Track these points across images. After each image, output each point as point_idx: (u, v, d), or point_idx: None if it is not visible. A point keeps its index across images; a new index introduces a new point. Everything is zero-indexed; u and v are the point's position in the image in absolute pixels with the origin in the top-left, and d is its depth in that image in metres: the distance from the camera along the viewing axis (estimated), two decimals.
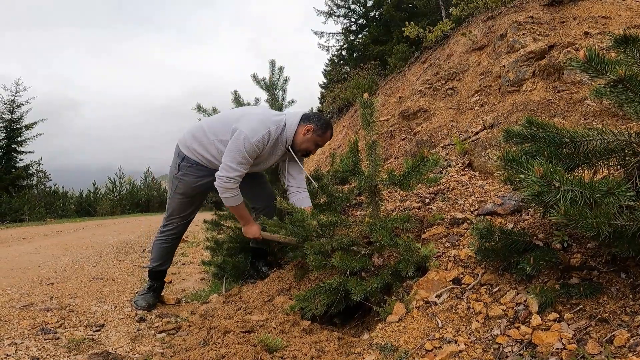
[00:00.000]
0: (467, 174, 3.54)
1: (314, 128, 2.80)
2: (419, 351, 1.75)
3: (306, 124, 2.80)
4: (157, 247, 3.13)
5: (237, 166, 2.68)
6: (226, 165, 2.68)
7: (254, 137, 2.65)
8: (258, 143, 2.67)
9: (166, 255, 3.17)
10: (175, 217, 3.06)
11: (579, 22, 5.08)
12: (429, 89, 6.33)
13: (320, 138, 2.84)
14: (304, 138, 2.80)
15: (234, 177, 2.69)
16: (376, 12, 21.10)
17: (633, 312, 1.55)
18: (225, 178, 2.68)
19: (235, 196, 2.77)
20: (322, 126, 2.82)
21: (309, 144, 2.84)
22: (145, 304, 3.03)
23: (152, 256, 3.17)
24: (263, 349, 1.96)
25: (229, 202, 2.79)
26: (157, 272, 3.19)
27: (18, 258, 5.24)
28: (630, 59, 1.61)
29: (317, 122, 2.82)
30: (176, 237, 3.14)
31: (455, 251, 2.36)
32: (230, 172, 2.68)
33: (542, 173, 1.39)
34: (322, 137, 2.84)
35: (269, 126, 2.72)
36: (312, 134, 2.80)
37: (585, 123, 3.42)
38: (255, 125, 2.70)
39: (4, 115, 20.28)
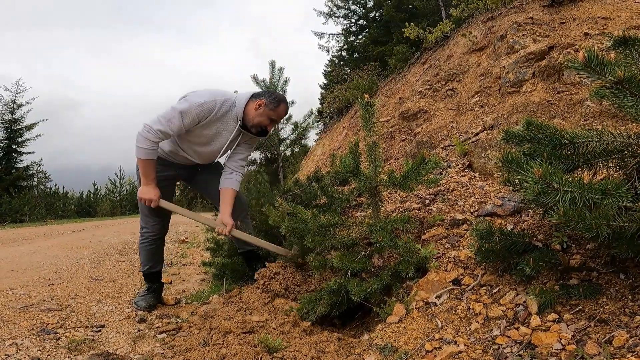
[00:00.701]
0: (467, 175, 3.54)
1: (265, 102, 2.76)
2: (418, 352, 1.76)
3: (258, 100, 2.77)
4: (142, 250, 3.10)
5: (165, 122, 2.61)
6: (156, 117, 2.64)
7: (196, 100, 2.63)
8: (198, 107, 2.63)
9: (154, 256, 3.13)
10: (148, 217, 3.01)
11: (579, 23, 5.08)
12: (429, 90, 6.34)
13: (273, 112, 2.79)
14: (256, 113, 2.76)
15: (156, 130, 2.60)
16: (376, 13, 21.12)
17: (632, 312, 1.56)
18: (147, 127, 2.61)
19: (149, 149, 2.65)
20: (274, 100, 2.78)
21: (263, 118, 2.79)
22: (145, 304, 3.02)
23: (141, 260, 3.14)
24: (263, 349, 1.97)
25: (141, 153, 2.67)
26: (151, 275, 3.16)
27: (18, 259, 5.24)
28: (630, 60, 1.62)
29: (269, 97, 2.78)
30: (157, 237, 3.08)
31: (455, 252, 2.36)
32: (155, 124, 2.61)
33: (542, 174, 1.39)
34: (274, 110, 2.79)
35: (216, 97, 2.70)
36: (265, 108, 2.76)
37: (585, 124, 3.42)
38: (201, 94, 2.69)
39: (5, 116, 20.31)
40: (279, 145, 3.57)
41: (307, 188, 3.49)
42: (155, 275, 3.20)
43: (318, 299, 2.36)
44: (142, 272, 3.19)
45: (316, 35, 22.24)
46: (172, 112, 2.61)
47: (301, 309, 2.37)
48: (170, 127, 2.63)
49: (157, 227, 3.04)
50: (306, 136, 3.74)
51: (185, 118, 2.63)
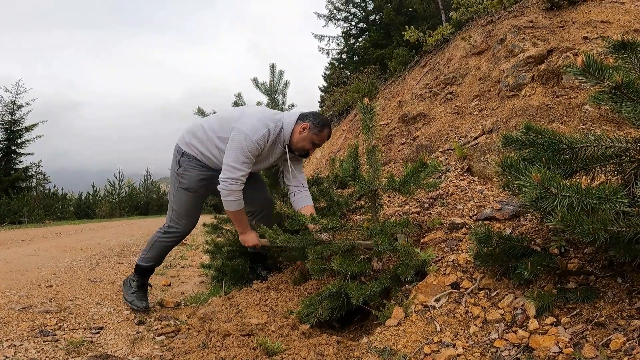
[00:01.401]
0: (466, 179, 3.55)
1: (310, 126, 2.75)
2: (417, 355, 1.76)
3: (303, 122, 2.76)
4: (159, 246, 3.04)
5: (240, 165, 2.64)
6: (229, 166, 2.64)
7: (254, 135, 2.62)
8: (259, 141, 2.64)
9: (163, 255, 3.12)
10: (184, 216, 2.96)
11: (578, 26, 5.10)
12: (428, 94, 6.35)
13: (316, 137, 2.78)
14: (300, 137, 2.76)
15: (239, 178, 2.65)
16: (376, 16, 21.17)
17: (629, 316, 1.56)
18: (230, 180, 2.64)
19: (238, 200, 2.72)
20: (319, 124, 2.76)
21: (306, 142, 2.78)
22: (145, 304, 2.97)
23: (149, 255, 3.06)
24: (262, 352, 1.97)
25: (231, 206, 2.73)
26: (148, 270, 3.12)
27: (17, 260, 5.24)
28: (628, 64, 1.62)
29: (314, 120, 2.77)
30: (181, 237, 3.07)
31: (454, 256, 2.37)
32: (234, 172, 2.64)
33: (540, 179, 1.40)
34: (318, 135, 2.78)
35: (268, 124, 2.69)
36: (309, 132, 2.75)
37: (584, 128, 3.43)
38: (255, 123, 2.67)
39: (4, 117, 20.33)
40: None
41: None
42: (151, 271, 3.18)
43: (318, 302, 2.37)
44: (141, 266, 3.09)
45: (316, 37, 22.31)
46: (241, 154, 2.63)
47: (301, 313, 2.38)
48: (247, 166, 2.68)
49: (188, 227, 3.03)
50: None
51: (253, 155, 2.67)
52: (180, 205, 2.93)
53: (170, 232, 2.99)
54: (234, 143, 2.64)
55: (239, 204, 2.74)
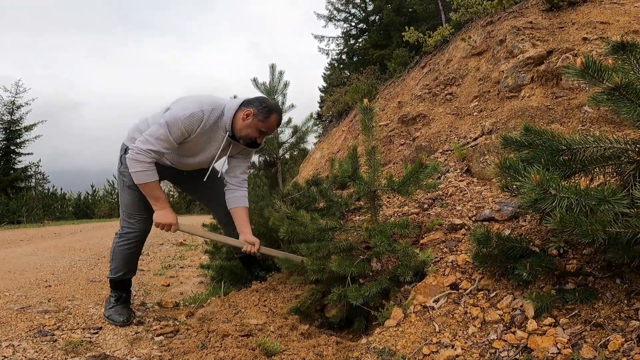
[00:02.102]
0: (465, 179, 3.55)
1: (254, 112, 2.54)
2: (416, 356, 1.76)
3: (246, 108, 2.55)
4: (119, 254, 2.80)
5: (154, 140, 2.45)
6: (143, 136, 2.47)
7: (180, 113, 2.45)
8: (184, 119, 2.45)
9: (131, 262, 2.87)
10: (134, 214, 2.74)
11: (578, 27, 5.11)
12: (428, 94, 6.35)
13: (262, 123, 2.57)
14: (244, 123, 2.55)
15: (146, 150, 2.44)
16: (376, 17, 21.18)
17: (627, 317, 1.57)
18: (137, 149, 2.44)
19: (147, 171, 2.49)
20: (264, 110, 2.55)
21: (250, 129, 2.57)
22: (123, 318, 2.72)
23: (114, 265, 2.83)
24: (261, 352, 1.97)
25: (139, 177, 2.50)
26: (122, 282, 2.88)
27: (16, 260, 5.24)
28: (627, 65, 1.63)
29: (259, 105, 2.56)
30: (140, 237, 2.80)
31: (453, 257, 2.37)
32: (144, 144, 2.44)
33: (539, 180, 1.40)
34: (264, 122, 2.56)
35: (203, 106, 2.51)
36: (253, 119, 2.55)
37: (583, 129, 3.44)
38: (187, 104, 2.51)
39: (4, 116, 20.34)
40: (278, 148, 3.56)
41: (306, 192, 3.50)
42: (127, 283, 2.93)
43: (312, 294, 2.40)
44: (111, 279, 2.87)
45: (316, 38, 22.31)
46: (159, 129, 2.45)
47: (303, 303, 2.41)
48: (161, 144, 2.48)
49: (141, 225, 2.77)
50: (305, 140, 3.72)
51: (173, 133, 2.47)
52: (128, 204, 2.73)
53: (125, 233, 2.78)
54: (158, 118, 2.51)
55: (148, 176, 2.51)
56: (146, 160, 2.46)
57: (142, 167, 2.47)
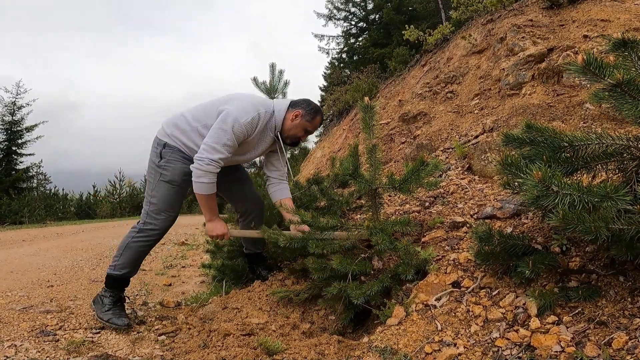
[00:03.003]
0: (466, 177, 3.55)
1: (302, 113, 2.67)
2: (418, 354, 1.76)
3: (295, 109, 2.68)
4: (134, 248, 2.67)
5: (221, 148, 2.46)
6: (209, 146, 2.45)
7: (243, 117, 2.49)
8: (247, 124, 2.51)
9: (139, 260, 2.76)
10: (164, 210, 2.65)
11: (578, 25, 5.09)
12: (428, 93, 6.34)
13: (309, 123, 2.71)
14: (293, 124, 2.67)
15: (217, 160, 2.45)
16: (376, 15, 21.17)
17: (631, 315, 1.56)
18: (207, 160, 2.43)
19: (211, 183, 2.51)
20: (311, 111, 2.70)
21: (298, 129, 2.70)
22: (126, 320, 2.59)
23: (122, 260, 2.67)
24: (263, 352, 1.97)
25: (203, 188, 2.51)
26: (122, 281, 2.74)
27: (18, 260, 5.24)
28: (629, 62, 1.62)
29: (306, 107, 2.70)
30: (159, 236, 2.72)
31: (455, 255, 2.37)
32: (213, 153, 2.44)
33: (541, 177, 1.39)
34: (311, 122, 2.72)
35: (259, 108, 2.58)
36: (301, 119, 2.68)
37: (585, 126, 3.43)
38: (245, 106, 2.55)
39: (5, 117, 20.33)
40: None
41: (307, 190, 3.50)
42: (127, 282, 2.80)
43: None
44: (113, 276, 2.69)
45: (316, 37, 22.32)
46: (224, 135, 2.46)
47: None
48: (229, 150, 2.51)
49: (167, 224, 2.71)
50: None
51: (238, 138, 2.52)
52: (161, 199, 2.64)
53: (147, 229, 2.66)
54: (220, 123, 2.48)
55: (211, 188, 2.54)
56: (214, 172, 2.49)
57: (209, 179, 2.49)
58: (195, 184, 2.50)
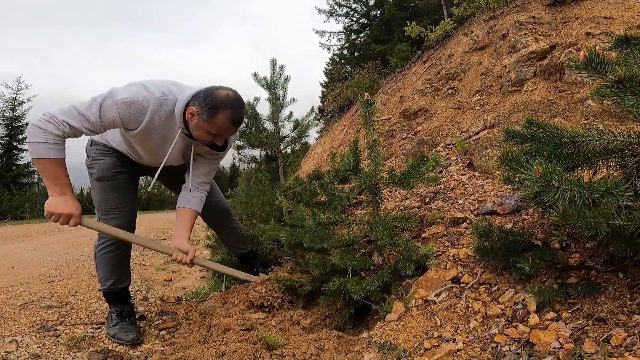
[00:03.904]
0: (467, 173, 3.54)
1: (197, 110, 2.06)
2: (417, 350, 1.76)
3: (193, 103, 2.07)
4: (102, 260, 2.44)
5: (79, 115, 2.00)
6: (68, 107, 2.02)
7: (122, 95, 2.02)
8: (123, 105, 2.01)
9: (119, 267, 2.48)
10: (109, 211, 2.38)
11: (581, 22, 5.08)
12: (430, 89, 6.33)
13: (207, 124, 2.07)
14: (192, 124, 2.11)
15: (61, 122, 1.97)
16: (378, 12, 21.09)
17: (630, 311, 1.56)
18: (50, 116, 1.97)
19: (51, 144, 1.99)
20: (207, 108, 2.04)
21: (200, 132, 2.12)
22: (132, 335, 2.36)
23: (100, 274, 2.46)
24: (263, 346, 1.97)
25: (39, 149, 1.98)
26: (117, 293, 2.50)
27: (19, 255, 5.25)
28: (631, 59, 1.61)
29: (203, 101, 2.05)
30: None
31: (455, 250, 2.37)
32: (63, 114, 1.99)
33: (542, 173, 1.39)
34: (209, 122, 2.06)
35: (152, 95, 2.07)
36: (197, 119, 2.07)
37: (586, 123, 3.42)
38: (133, 88, 2.07)
39: (6, 112, 20.35)
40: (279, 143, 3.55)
41: (308, 186, 3.50)
42: (123, 293, 2.54)
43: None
44: (103, 292, 2.51)
45: (317, 33, 22.22)
46: (89, 105, 2.02)
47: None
48: (83, 123, 2.02)
49: (119, 221, 2.38)
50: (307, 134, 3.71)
51: (104, 116, 2.03)
52: (100, 199, 2.37)
53: (103, 235, 2.41)
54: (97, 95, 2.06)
55: (53, 150, 2.00)
56: (55, 132, 1.98)
57: (47, 138, 1.97)
58: (30, 146, 2.00)
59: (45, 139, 1.97)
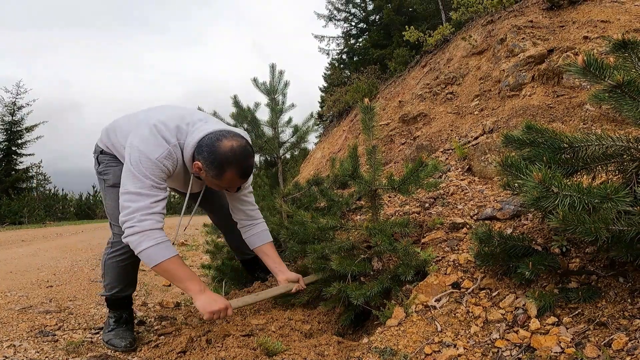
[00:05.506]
0: (466, 178, 3.54)
1: (203, 167, 1.97)
2: (418, 355, 1.76)
3: (198, 158, 1.97)
4: (112, 266, 2.36)
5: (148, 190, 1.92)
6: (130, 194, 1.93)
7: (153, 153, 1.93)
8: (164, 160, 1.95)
9: (127, 276, 2.41)
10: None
11: (578, 26, 5.10)
12: (428, 93, 6.34)
13: (217, 180, 2.00)
14: (202, 177, 2.05)
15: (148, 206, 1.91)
16: (376, 16, 21.18)
17: (631, 316, 1.56)
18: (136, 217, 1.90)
19: (160, 243, 1.93)
20: (214, 167, 1.94)
21: (211, 184, 2.12)
22: (126, 342, 2.31)
23: (107, 280, 2.39)
24: (263, 352, 1.97)
25: (154, 256, 1.93)
26: (120, 300, 2.44)
27: (17, 260, 5.24)
28: (629, 63, 1.62)
29: (207, 157, 1.93)
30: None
31: (455, 255, 2.36)
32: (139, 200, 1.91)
33: (541, 178, 1.39)
34: (219, 180, 1.99)
35: (170, 140, 1.98)
36: (205, 175, 2.00)
37: (585, 128, 3.43)
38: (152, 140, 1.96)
39: (5, 117, 20.39)
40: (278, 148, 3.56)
41: (307, 191, 3.50)
42: (126, 300, 2.48)
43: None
44: (106, 297, 2.44)
45: (316, 38, 22.31)
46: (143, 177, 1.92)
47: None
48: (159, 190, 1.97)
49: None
50: (306, 139, 3.72)
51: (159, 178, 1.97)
52: (115, 206, 2.21)
53: (116, 242, 2.32)
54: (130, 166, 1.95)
55: (166, 250, 1.96)
56: (155, 227, 1.94)
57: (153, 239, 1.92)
58: (142, 257, 1.95)
59: (155, 240, 1.92)
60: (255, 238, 2.47)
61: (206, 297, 2.03)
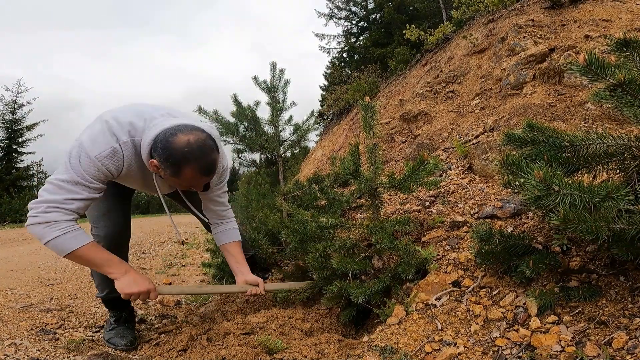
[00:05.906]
0: (467, 177, 3.54)
1: (160, 165, 1.80)
2: (418, 353, 1.76)
3: (154, 155, 1.80)
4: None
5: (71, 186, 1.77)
6: (51, 183, 1.79)
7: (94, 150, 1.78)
8: (105, 160, 1.79)
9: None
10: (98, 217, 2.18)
11: (580, 25, 5.09)
12: (429, 92, 6.34)
13: (176, 179, 1.84)
14: (162, 175, 1.88)
15: (61, 202, 1.76)
16: (377, 15, 21.17)
17: (632, 314, 1.56)
18: (44, 205, 1.74)
19: (68, 232, 1.78)
20: (170, 164, 1.77)
21: (172, 184, 1.99)
22: (126, 341, 2.29)
23: (97, 282, 2.35)
24: (263, 350, 1.97)
25: (63, 245, 1.78)
26: (115, 300, 2.34)
27: (18, 259, 5.25)
28: (630, 62, 1.62)
29: (162, 154, 1.76)
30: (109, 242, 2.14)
31: (455, 254, 2.36)
32: (54, 193, 1.76)
33: (542, 177, 1.39)
34: (177, 178, 1.82)
35: (121, 136, 1.82)
36: (163, 173, 1.84)
37: (586, 126, 3.43)
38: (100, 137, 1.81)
39: (6, 116, 20.40)
40: (279, 146, 3.55)
41: (308, 190, 3.49)
42: (121, 300, 2.34)
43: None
44: (101, 298, 2.39)
45: (317, 36, 22.32)
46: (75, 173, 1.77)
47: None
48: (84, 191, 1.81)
49: (110, 229, 2.19)
50: (306, 138, 3.72)
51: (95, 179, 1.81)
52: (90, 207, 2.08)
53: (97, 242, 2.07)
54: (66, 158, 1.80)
55: (77, 239, 1.82)
56: (63, 219, 1.78)
57: (59, 229, 1.77)
58: (50, 246, 1.79)
59: (61, 230, 1.78)
60: (222, 235, 2.41)
61: (127, 278, 1.95)
